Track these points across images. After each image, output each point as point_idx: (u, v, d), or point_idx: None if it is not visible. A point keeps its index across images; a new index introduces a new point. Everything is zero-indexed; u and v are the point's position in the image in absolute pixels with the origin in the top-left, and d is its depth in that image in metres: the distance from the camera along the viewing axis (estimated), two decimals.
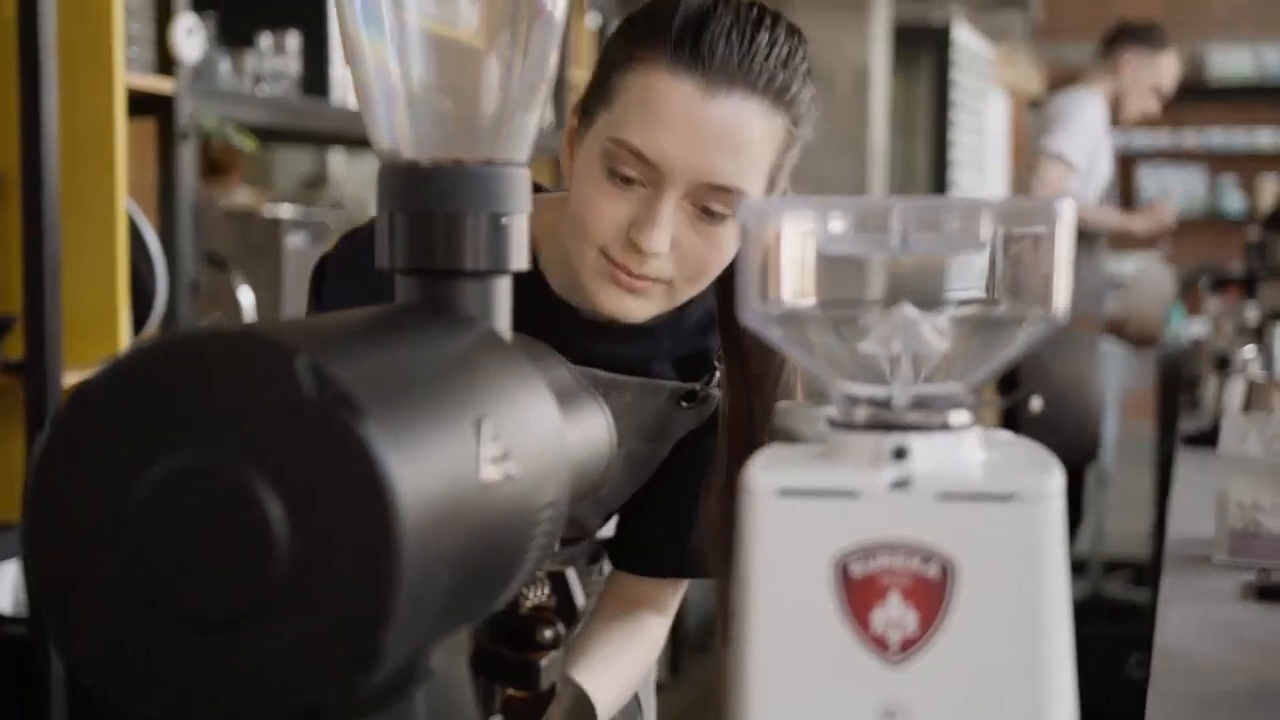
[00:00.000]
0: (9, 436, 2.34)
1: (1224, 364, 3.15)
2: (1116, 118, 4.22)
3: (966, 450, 0.68)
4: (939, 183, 7.00)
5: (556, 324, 1.26)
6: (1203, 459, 2.68)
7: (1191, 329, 8.24)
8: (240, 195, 3.84)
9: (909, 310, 0.69)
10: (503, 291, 0.79)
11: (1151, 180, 9.73)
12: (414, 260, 0.78)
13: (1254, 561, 1.84)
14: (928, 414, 0.68)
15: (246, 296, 2.82)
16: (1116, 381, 6.08)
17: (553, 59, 0.81)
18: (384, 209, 0.78)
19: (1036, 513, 0.64)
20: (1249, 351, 3.07)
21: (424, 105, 0.78)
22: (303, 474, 0.58)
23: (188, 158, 2.57)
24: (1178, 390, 4.46)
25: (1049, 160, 4.01)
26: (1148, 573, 5.00)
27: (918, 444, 0.67)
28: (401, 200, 0.78)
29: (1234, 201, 9.62)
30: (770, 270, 0.69)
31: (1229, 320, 4.71)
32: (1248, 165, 9.59)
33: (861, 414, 0.68)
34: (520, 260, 0.79)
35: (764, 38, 1.18)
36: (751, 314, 0.69)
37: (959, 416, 0.68)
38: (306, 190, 4.50)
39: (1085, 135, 4.01)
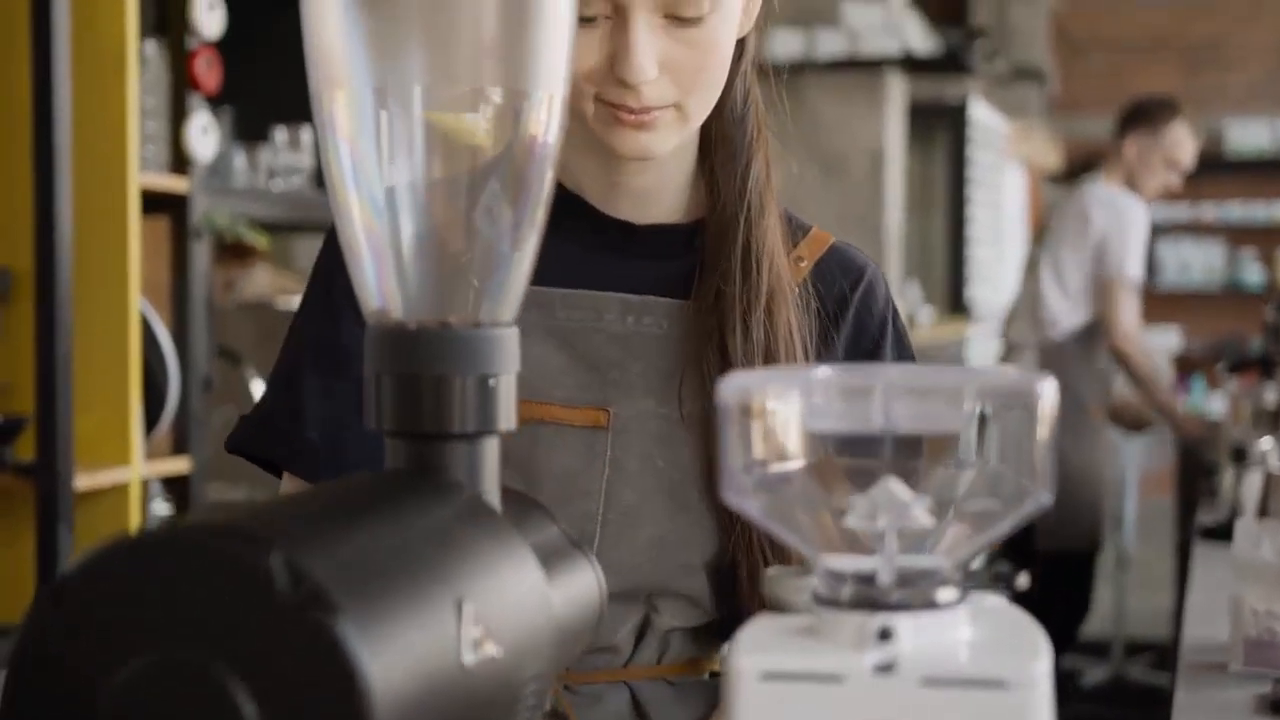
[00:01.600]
0: (20, 539, 2.34)
1: (1241, 455, 3.12)
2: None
3: (953, 629, 0.67)
4: (955, 260, 7.00)
5: (579, 234, 1.21)
6: (1220, 555, 2.65)
7: (1211, 404, 8.21)
8: (260, 275, 3.86)
9: (894, 485, 0.69)
10: (490, 452, 0.79)
11: (1171, 253, 9.73)
12: (401, 423, 0.77)
13: (1269, 671, 1.81)
14: (913, 592, 0.67)
15: (260, 390, 2.82)
16: (1136, 460, 6.05)
17: (542, 211, 0.81)
18: (371, 371, 0.78)
19: (1024, 700, 0.63)
20: (1266, 442, 3.05)
21: (412, 267, 0.78)
22: (277, 672, 0.57)
23: (201, 255, 2.59)
24: (1196, 476, 4.43)
25: (1126, 289, 3.96)
26: (1170, 655, 4.95)
27: (903, 624, 0.66)
28: (389, 363, 0.77)
29: (1253, 274, 9.61)
30: (752, 444, 0.69)
31: (1247, 402, 4.69)
32: (1267, 238, 9.59)
33: (846, 591, 0.68)
34: (508, 420, 0.79)
35: None
36: (732, 486, 0.68)
37: (946, 594, 0.67)
38: None
39: (1142, 247, 4.01)
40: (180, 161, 2.56)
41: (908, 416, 0.68)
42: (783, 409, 0.68)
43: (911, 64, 5.30)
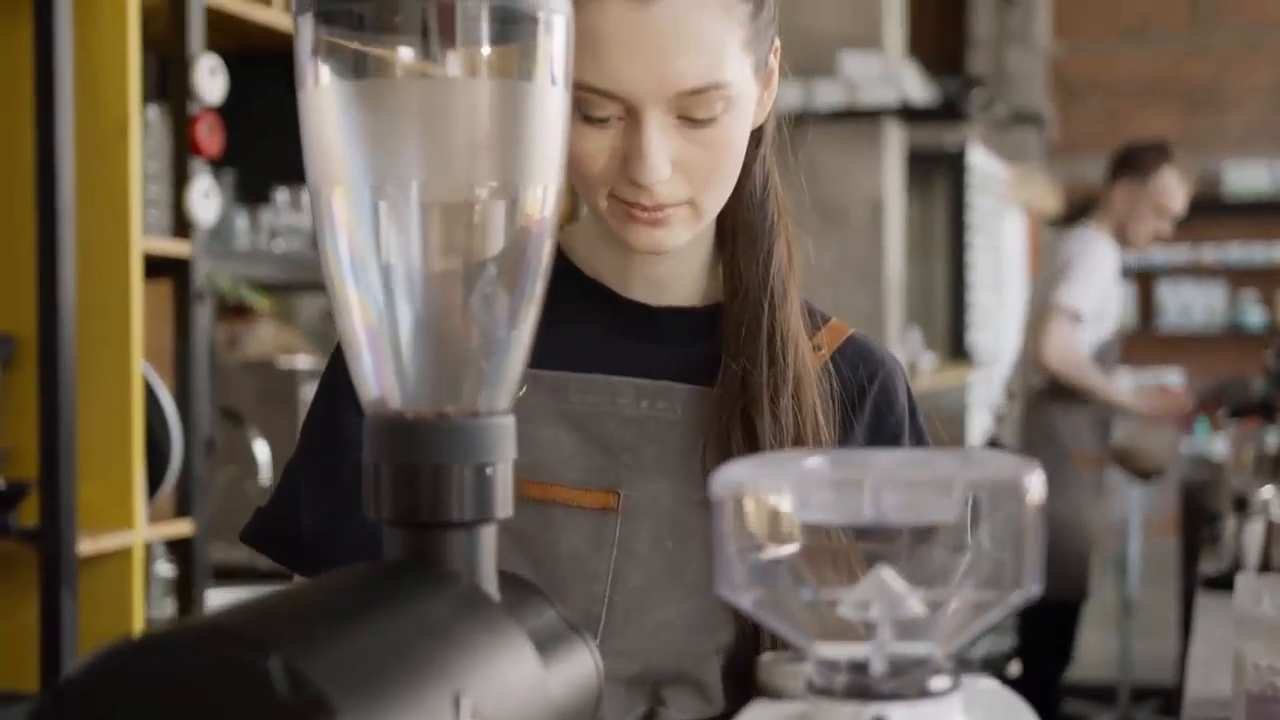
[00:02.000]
0: (23, 604, 2.35)
1: (1242, 504, 3.13)
2: (1129, 245, 4.22)
3: (948, 717, 0.67)
4: (956, 305, 7.02)
5: (597, 318, 1.22)
6: (1222, 605, 2.65)
7: (1214, 445, 8.21)
8: (264, 331, 3.87)
9: (886, 574, 0.70)
10: (488, 540, 0.80)
11: (1171, 295, 9.75)
12: (399, 512, 0.78)
13: None
14: (907, 680, 0.68)
15: (263, 451, 2.83)
16: (1140, 503, 6.04)
17: (538, 300, 0.82)
18: (370, 460, 0.79)
19: None
20: (1267, 491, 3.05)
21: (409, 357, 0.79)
22: None
23: (203, 318, 2.60)
24: (1199, 521, 4.43)
25: (1057, 314, 4.00)
26: (1175, 702, 4.93)
27: (897, 713, 0.67)
28: (387, 453, 0.79)
29: (1254, 316, 9.63)
30: (744, 535, 0.69)
31: (1250, 446, 4.68)
32: (1267, 279, 9.61)
33: (840, 680, 0.68)
34: (505, 508, 0.80)
35: None
36: (725, 578, 0.69)
37: (939, 682, 0.68)
38: (327, 323, 4.55)
39: (1094, 282, 4.00)
40: (182, 225, 2.58)
41: (898, 507, 0.69)
42: (774, 501, 0.69)
43: (909, 113, 5.33)
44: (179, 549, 2.65)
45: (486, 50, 0.77)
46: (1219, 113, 9.67)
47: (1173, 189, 4.09)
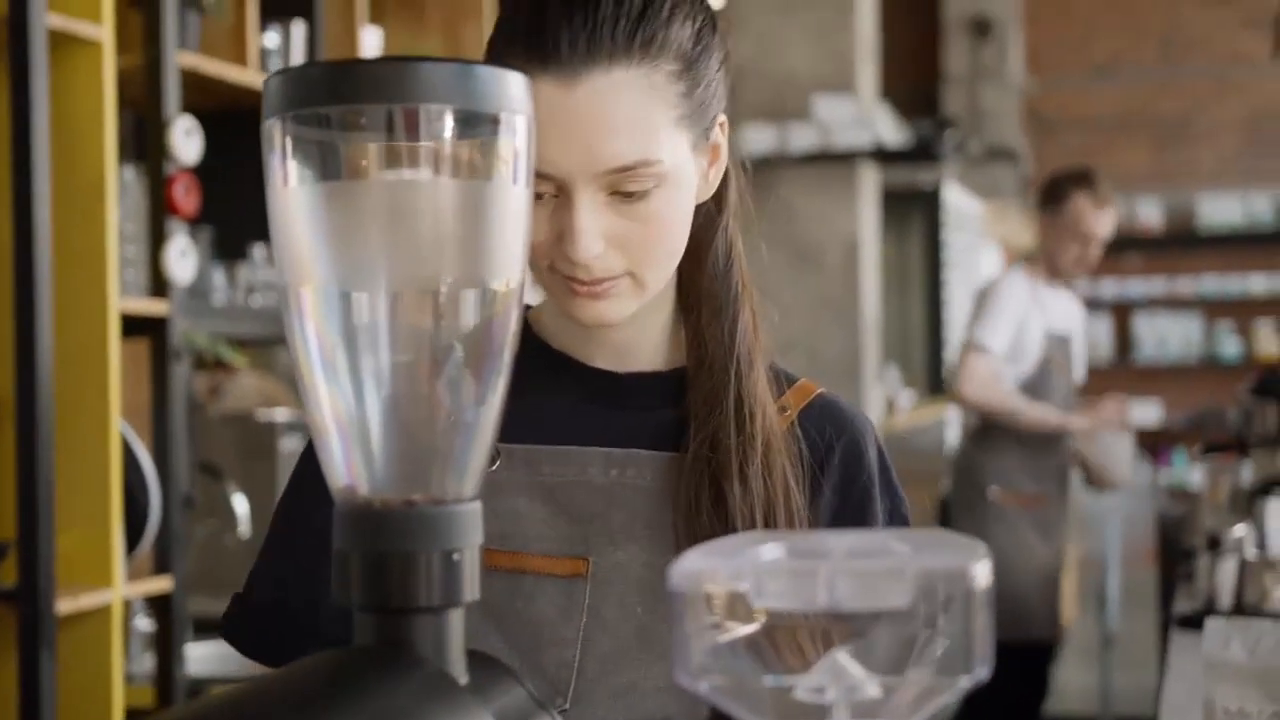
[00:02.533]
0: (2, 664, 2.35)
1: (1215, 542, 3.15)
2: (1059, 276, 4.18)
3: None
4: (934, 341, 7.06)
5: (565, 389, 1.23)
6: (1196, 644, 2.67)
7: (1192, 476, 8.23)
8: (244, 381, 3.88)
9: (842, 658, 0.72)
10: (455, 623, 0.82)
11: (1148, 327, 9.81)
12: (368, 598, 0.80)
13: None
14: None
15: (241, 505, 2.85)
16: (1118, 535, 6.07)
17: (502, 389, 0.85)
18: (339, 546, 0.81)
19: None
20: (1239, 530, 3.08)
21: (377, 447, 0.82)
22: None
23: (180, 376, 2.62)
24: (1176, 556, 4.46)
25: (969, 350, 4.03)
26: None
27: None
28: (356, 541, 0.81)
29: (1230, 347, 9.70)
30: (702, 624, 0.72)
31: (1225, 479, 4.71)
32: (1242, 310, 9.68)
33: None
34: (473, 591, 0.82)
35: (606, 4, 1.12)
36: (683, 665, 0.71)
37: None
38: None
39: (1005, 319, 4.00)
40: (159, 284, 2.60)
41: (852, 594, 0.71)
42: (731, 589, 0.71)
43: (883, 155, 5.38)
44: (158, 603, 2.65)
45: (450, 151, 0.80)
46: (1191, 147, 9.76)
47: (1086, 214, 4.05)
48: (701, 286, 1.24)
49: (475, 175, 0.80)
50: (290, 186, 0.80)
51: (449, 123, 0.79)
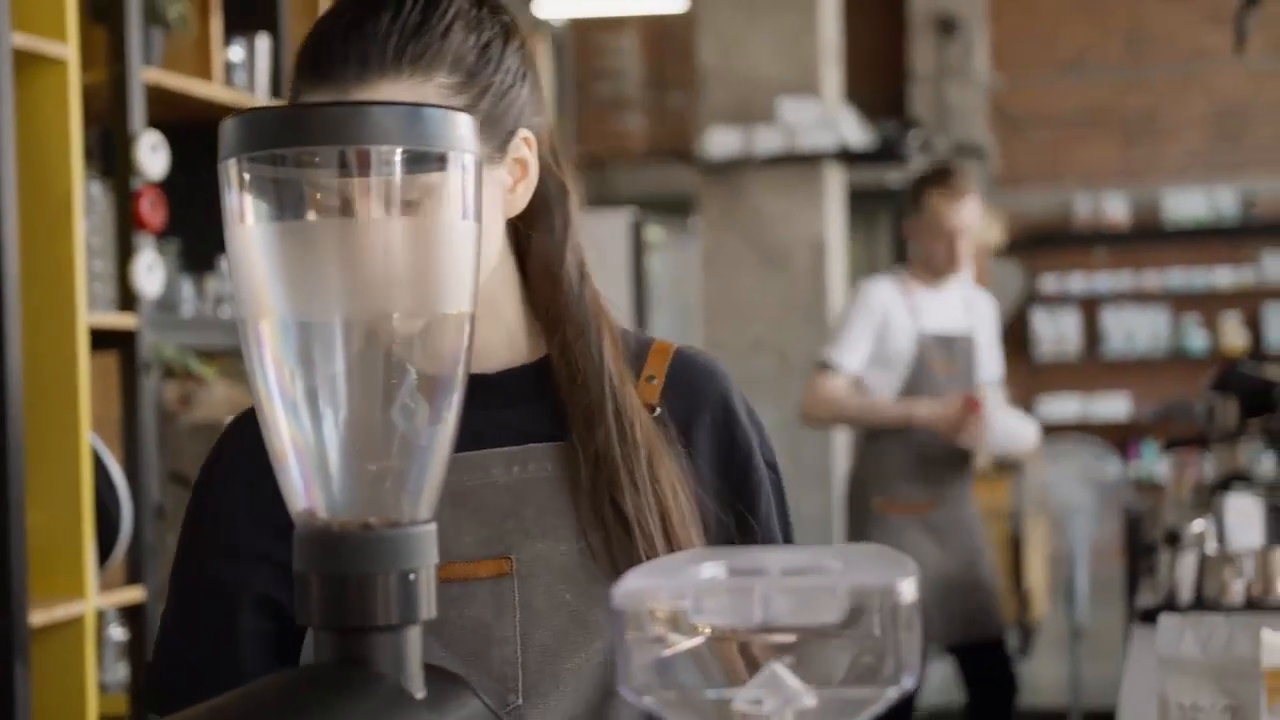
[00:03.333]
0: None
1: (1174, 538, 3.20)
2: (935, 275, 4.13)
3: None
4: None
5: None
6: (1155, 639, 2.71)
7: (1159, 468, 8.31)
8: (216, 389, 3.90)
9: (779, 670, 0.76)
10: (413, 640, 0.85)
11: (1115, 321, 9.89)
12: (328, 618, 0.84)
13: None
14: None
15: None
16: (1086, 530, 6.14)
17: (454, 416, 0.88)
18: (299, 568, 0.85)
19: None
20: (1198, 525, 3.13)
21: (335, 473, 0.85)
22: None
23: (150, 389, 2.64)
24: (1141, 550, 4.51)
25: (814, 369, 4.01)
26: None
27: None
28: (316, 563, 0.84)
29: (1197, 340, 9.78)
30: (644, 641, 0.75)
31: (1190, 473, 4.77)
32: (1209, 304, 9.77)
33: None
34: (429, 609, 0.85)
35: (384, 20, 1.15)
36: (628, 681, 0.75)
37: None
38: None
39: (857, 332, 3.98)
40: (128, 298, 2.62)
41: (786, 611, 0.75)
42: (672, 607, 0.75)
43: (848, 156, 5.42)
44: (131, 613, 2.68)
45: (400, 189, 0.83)
46: (1157, 142, 9.84)
47: (942, 211, 4.00)
48: (561, 306, 1.28)
49: (425, 212, 0.84)
50: (247, 224, 0.84)
51: (399, 162, 0.83)
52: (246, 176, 0.83)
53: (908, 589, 0.73)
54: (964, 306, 4.13)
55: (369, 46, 1.14)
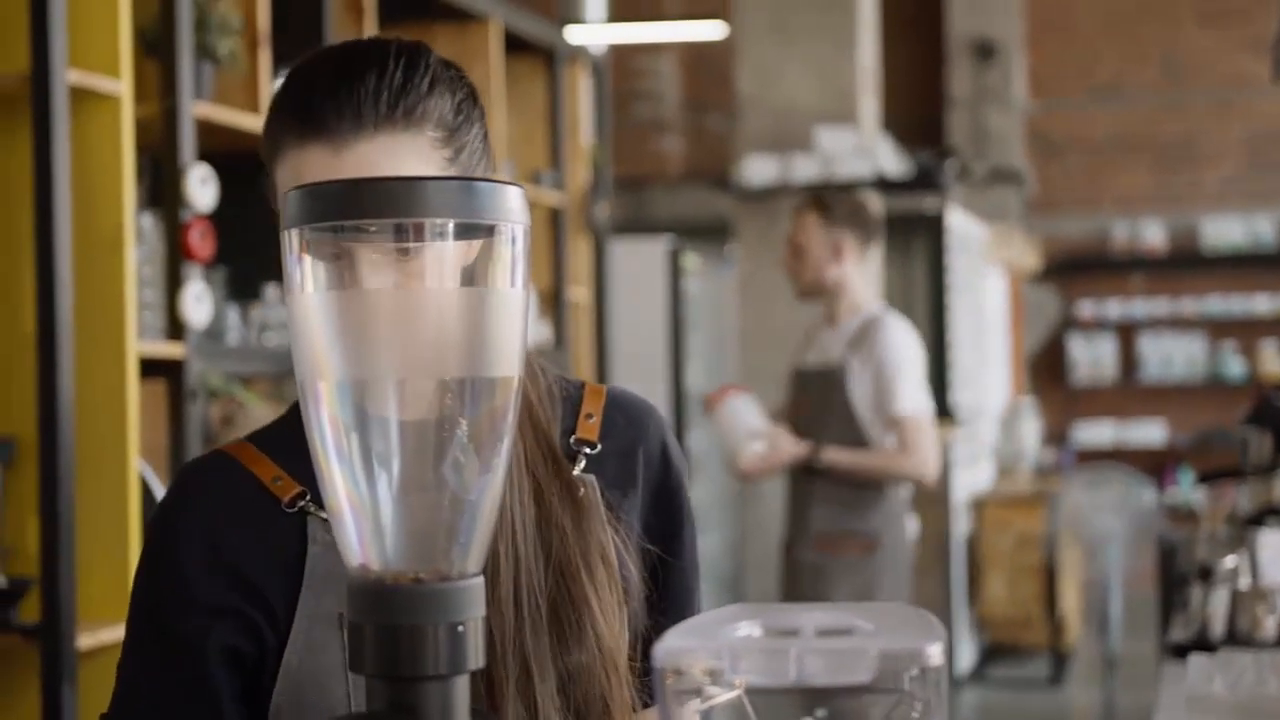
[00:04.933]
0: (25, 700, 2.43)
1: (1207, 573, 3.21)
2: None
3: None
4: (939, 366, 7.11)
5: None
6: (1185, 677, 2.72)
7: (1195, 496, 8.27)
8: (255, 411, 3.96)
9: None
10: (461, 689, 0.89)
11: (1153, 347, 9.87)
12: (381, 667, 0.88)
13: None
14: None
15: None
16: (1120, 559, 6.13)
17: (503, 473, 0.92)
18: (352, 619, 0.89)
19: None
20: (1231, 560, 3.14)
21: (389, 530, 0.89)
22: None
23: (196, 416, 2.70)
24: (1174, 580, 4.51)
25: (916, 419, 3.91)
26: None
27: None
28: (369, 614, 0.88)
29: (1234, 367, 9.75)
30: (684, 699, 0.79)
31: (1224, 505, 4.76)
32: (1246, 331, 9.74)
33: None
34: (477, 660, 0.89)
35: (371, 77, 1.18)
36: None
37: None
38: None
39: None
40: (176, 327, 2.68)
41: (820, 671, 0.78)
42: (708, 667, 0.79)
43: (885, 185, 5.45)
44: None
45: (453, 259, 0.87)
46: (1194, 169, 9.82)
47: (793, 231, 4.01)
48: None
49: (476, 280, 0.88)
50: (307, 291, 0.88)
51: (451, 233, 0.87)
52: (307, 246, 0.88)
53: (936, 652, 0.76)
54: (854, 339, 3.98)
55: (361, 102, 1.17)
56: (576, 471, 1.28)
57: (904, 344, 3.96)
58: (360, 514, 0.89)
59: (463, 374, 0.88)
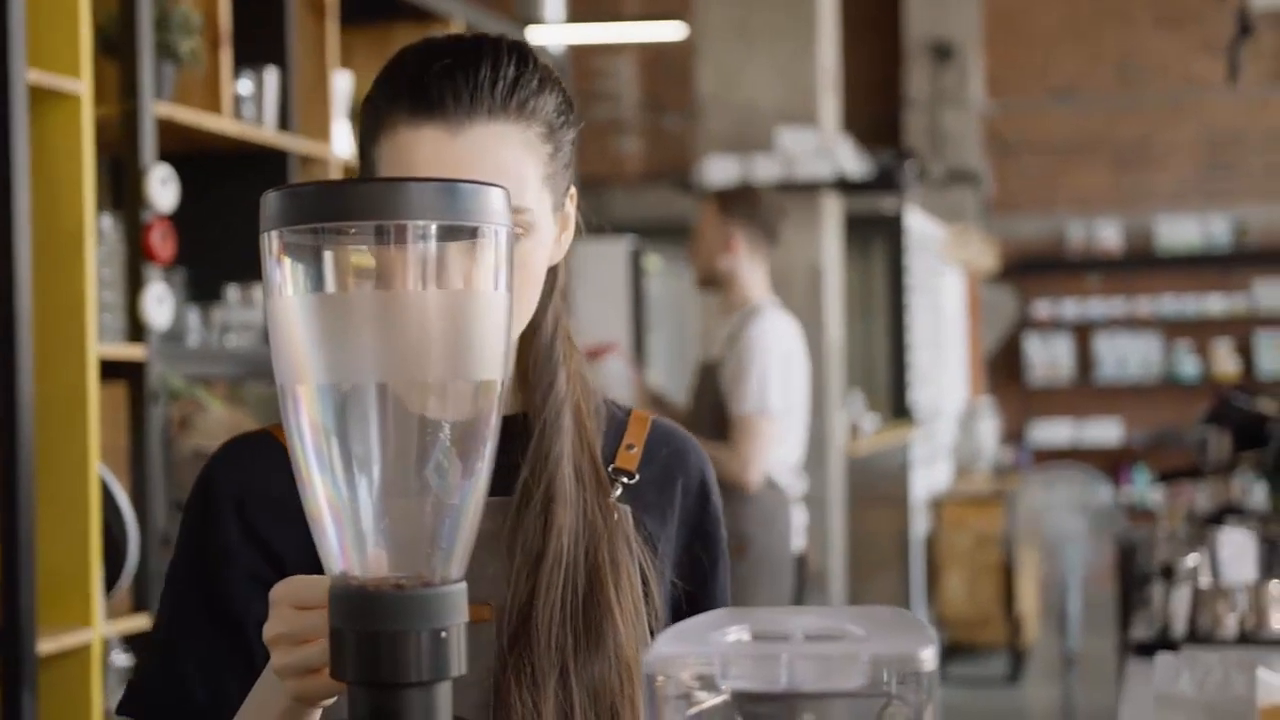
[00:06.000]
0: None
1: (1169, 571, 3.22)
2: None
3: None
4: (897, 365, 7.14)
5: None
6: (1150, 672, 2.73)
7: (1153, 494, 8.33)
8: (215, 413, 3.92)
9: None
10: (444, 696, 0.88)
11: (1108, 347, 9.93)
12: (362, 674, 0.87)
13: None
14: None
15: None
16: (1080, 557, 6.16)
17: (485, 479, 0.91)
18: (335, 627, 0.88)
19: None
20: (1192, 559, 3.16)
21: (370, 536, 0.88)
22: None
23: (156, 418, 2.67)
24: (1134, 578, 4.53)
25: None
26: None
27: None
28: (351, 621, 0.87)
29: (1189, 366, 9.83)
30: (673, 704, 0.78)
31: (1182, 503, 4.80)
32: (1200, 331, 9.82)
33: None
34: (460, 666, 0.88)
35: (486, 66, 1.20)
36: None
37: None
38: (275, 401, 4.59)
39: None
40: (137, 329, 2.65)
41: (810, 676, 0.78)
42: (699, 673, 0.78)
43: (845, 185, 5.46)
44: (136, 640, 2.70)
45: (435, 261, 0.86)
46: (1150, 169, 9.89)
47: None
48: (533, 359, 1.29)
49: (458, 283, 0.87)
50: (286, 294, 0.87)
51: (433, 236, 0.86)
52: (286, 248, 0.86)
53: (928, 656, 0.76)
54: (735, 333, 3.89)
55: (477, 89, 1.19)
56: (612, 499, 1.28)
57: (767, 341, 3.81)
58: (341, 519, 0.88)
59: (445, 376, 0.87)
